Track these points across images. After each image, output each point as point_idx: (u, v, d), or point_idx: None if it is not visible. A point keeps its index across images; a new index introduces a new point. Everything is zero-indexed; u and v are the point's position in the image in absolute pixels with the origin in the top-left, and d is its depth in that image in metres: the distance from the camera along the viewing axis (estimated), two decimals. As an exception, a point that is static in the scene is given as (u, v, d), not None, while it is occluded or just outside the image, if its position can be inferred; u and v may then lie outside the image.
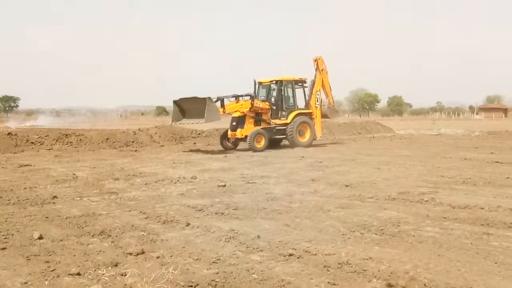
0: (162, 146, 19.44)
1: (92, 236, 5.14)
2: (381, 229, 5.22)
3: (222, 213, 6.21)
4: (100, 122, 52.23)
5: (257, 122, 17.74)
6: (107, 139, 19.15)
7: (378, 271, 3.81)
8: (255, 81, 18.24)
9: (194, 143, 20.69)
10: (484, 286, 3.46)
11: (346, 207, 6.48)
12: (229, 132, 17.76)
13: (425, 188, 7.92)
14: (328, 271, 3.88)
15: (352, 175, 9.71)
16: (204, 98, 15.91)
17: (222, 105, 16.82)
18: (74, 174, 10.23)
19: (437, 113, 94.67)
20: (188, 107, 16.92)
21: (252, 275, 3.77)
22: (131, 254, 4.39)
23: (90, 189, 8.33)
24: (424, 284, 3.45)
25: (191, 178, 9.49)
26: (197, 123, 16.64)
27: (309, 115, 18.81)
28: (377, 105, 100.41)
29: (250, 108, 17.25)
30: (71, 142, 18.34)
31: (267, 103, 17.95)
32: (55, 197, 7.45)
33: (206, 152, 16.63)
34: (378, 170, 10.45)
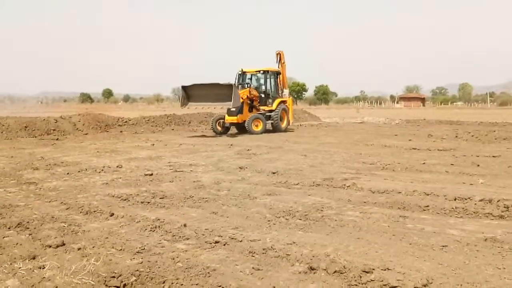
0: (86, 134, 18.74)
1: (8, 228, 4.87)
2: (305, 215, 5.36)
3: (148, 202, 6.10)
4: (18, 109, 49.44)
5: (250, 108, 19.37)
6: (25, 127, 18.13)
7: (301, 255, 3.92)
8: (242, 70, 19.77)
9: (121, 131, 20.12)
10: (399, 266, 3.66)
11: (273, 194, 6.59)
12: (227, 117, 18.85)
13: (347, 174, 8.22)
14: (253, 256, 3.94)
15: (279, 163, 9.88)
16: (230, 85, 17.56)
17: None
18: (-11, 164, 9.62)
19: (360, 102, 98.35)
20: (201, 93, 18.13)
21: (177, 263, 3.75)
22: (50, 246, 4.21)
23: (6, 180, 7.88)
24: (344, 266, 3.59)
25: (117, 167, 9.23)
26: (221, 107, 18.41)
27: (286, 102, 20.79)
28: (304, 94, 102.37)
29: (247, 96, 18.71)
30: (-15, 130, 17.21)
31: (255, 90, 19.58)
32: (-34, 188, 6.98)
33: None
34: (304, 157, 10.71)
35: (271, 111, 19.77)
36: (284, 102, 20.57)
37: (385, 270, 3.56)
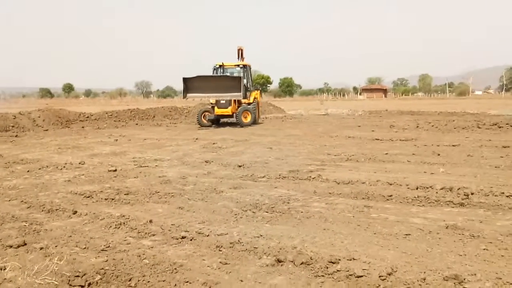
0: (47, 130, 18.24)
1: (-34, 230, 4.70)
2: (272, 207, 5.38)
3: (113, 199, 6.00)
4: (-26, 105, 47.64)
5: (235, 100, 19.55)
6: (-18, 124, 17.52)
7: (268, 247, 3.94)
8: (222, 64, 20.09)
9: (83, 127, 19.67)
10: (364, 256, 3.72)
11: (239, 187, 6.59)
12: (218, 110, 19.32)
13: (313, 166, 8.30)
14: (221, 251, 3.93)
15: (245, 156, 9.89)
16: (239, 77, 18.66)
17: None
18: None
19: (324, 94, 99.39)
20: (205, 85, 18.66)
21: (144, 260, 3.70)
22: (11, 246, 4.09)
23: (-38, 179, 7.59)
24: (310, 257, 3.63)
25: (79, 163, 9.03)
26: (229, 98, 18.84)
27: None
28: (269, 86, 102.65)
29: None
30: None
31: None
32: None
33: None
34: (270, 150, 10.75)
35: (249, 104, 20.09)
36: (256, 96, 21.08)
37: (350, 260, 3.62)
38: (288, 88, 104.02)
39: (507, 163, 7.97)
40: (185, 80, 18.84)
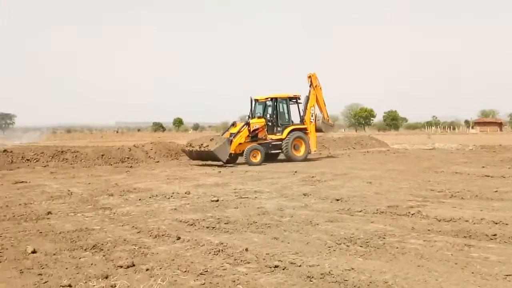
0: (158, 162, 19.57)
1: (85, 250, 5.27)
2: (367, 242, 5.36)
3: (213, 227, 6.34)
4: (96, 138, 52.33)
5: (253, 138, 18.35)
6: (102, 155, 19.31)
7: (359, 281, 3.95)
8: (251, 99, 19.12)
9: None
10: (460, 295, 3.60)
11: (335, 221, 6.62)
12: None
13: (413, 201, 8.07)
14: (311, 281, 4.02)
15: (343, 189, 9.86)
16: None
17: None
18: (69, 191, 10.35)
19: (433, 128, 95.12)
20: None
21: (237, 285, 3.91)
22: (121, 266, 4.52)
23: (84, 205, 8.45)
24: (401, 293, 3.59)
25: (185, 193, 9.62)
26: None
27: (304, 130, 19.47)
28: (372, 120, 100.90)
29: (248, 135, 18.14)
30: (66, 159, 18.54)
31: (263, 119, 18.76)
32: (49, 213, 7.58)
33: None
34: (370, 185, 10.60)
35: (280, 140, 18.65)
36: (300, 129, 19.22)
37: (444, 298, 3.52)
38: (393, 121, 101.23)
39: None
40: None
